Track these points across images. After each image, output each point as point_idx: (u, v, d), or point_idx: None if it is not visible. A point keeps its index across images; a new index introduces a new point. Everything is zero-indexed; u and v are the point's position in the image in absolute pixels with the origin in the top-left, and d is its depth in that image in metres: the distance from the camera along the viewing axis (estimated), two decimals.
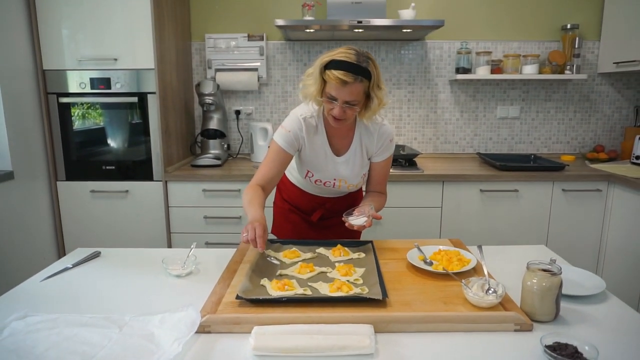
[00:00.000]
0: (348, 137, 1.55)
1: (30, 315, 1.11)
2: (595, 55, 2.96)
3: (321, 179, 1.58)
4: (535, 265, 1.09)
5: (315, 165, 1.56)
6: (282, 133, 1.51)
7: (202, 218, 2.51)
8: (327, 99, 1.39)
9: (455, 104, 3.02)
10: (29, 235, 2.35)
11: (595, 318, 1.09)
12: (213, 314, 1.06)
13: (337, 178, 1.58)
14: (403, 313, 1.05)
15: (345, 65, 1.32)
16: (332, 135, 1.55)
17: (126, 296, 1.23)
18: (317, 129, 1.53)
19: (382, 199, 1.65)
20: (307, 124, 1.51)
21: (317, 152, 1.54)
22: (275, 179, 1.53)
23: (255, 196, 1.44)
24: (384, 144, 1.56)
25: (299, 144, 1.53)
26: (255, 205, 1.40)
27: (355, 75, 1.32)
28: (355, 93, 1.35)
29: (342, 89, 1.34)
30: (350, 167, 1.56)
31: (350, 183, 1.60)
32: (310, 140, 1.52)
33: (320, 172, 1.57)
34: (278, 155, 1.51)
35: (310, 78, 1.42)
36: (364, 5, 2.59)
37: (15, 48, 2.26)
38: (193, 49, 2.96)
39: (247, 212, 1.39)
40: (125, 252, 1.57)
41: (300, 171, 1.62)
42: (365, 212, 1.43)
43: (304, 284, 1.21)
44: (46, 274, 1.39)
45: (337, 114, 1.38)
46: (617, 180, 2.42)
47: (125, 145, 2.52)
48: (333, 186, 1.60)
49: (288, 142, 1.50)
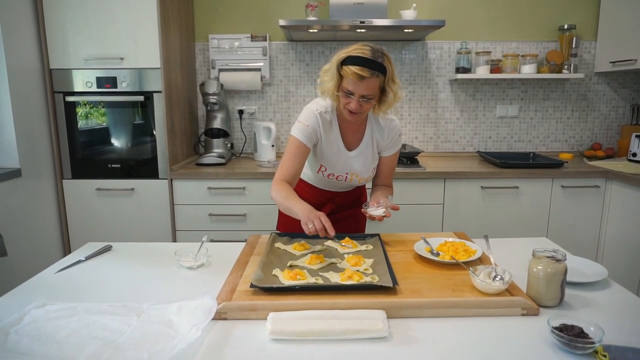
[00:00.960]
0: (360, 132, 1.60)
1: (49, 303, 1.13)
2: (592, 54, 3.02)
3: (334, 173, 1.62)
4: (540, 252, 1.13)
5: (328, 159, 1.60)
6: (300, 128, 1.54)
7: (207, 215, 2.54)
8: (344, 94, 1.44)
9: (455, 103, 3.07)
10: (35, 233, 2.37)
11: (599, 303, 1.12)
12: (229, 301, 1.09)
13: (349, 172, 1.62)
14: (414, 299, 1.09)
15: (361, 60, 1.37)
16: (344, 130, 1.59)
17: (141, 287, 1.26)
18: (331, 123, 1.57)
19: (390, 192, 1.71)
20: (322, 119, 1.55)
21: (330, 147, 1.58)
22: (298, 173, 1.56)
23: (290, 191, 1.48)
24: (394, 139, 1.62)
25: (317, 137, 1.56)
26: (296, 199, 1.44)
27: (371, 70, 1.37)
28: (371, 87, 1.40)
29: (359, 84, 1.39)
30: (361, 161, 1.61)
31: (362, 177, 1.64)
32: (325, 135, 1.57)
33: (333, 167, 1.61)
34: (298, 149, 1.54)
35: (327, 74, 1.47)
36: (366, 5, 2.64)
37: (22, 48, 2.29)
38: (197, 49, 3.00)
39: (291, 206, 1.42)
40: (136, 246, 1.60)
41: (313, 166, 1.65)
42: (382, 203, 1.47)
43: (315, 274, 1.24)
44: (60, 266, 1.41)
45: (354, 108, 1.43)
46: (614, 176, 2.47)
47: (131, 144, 2.55)
48: (345, 180, 1.63)
49: (307, 135, 1.53)
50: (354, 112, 1.46)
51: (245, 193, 2.51)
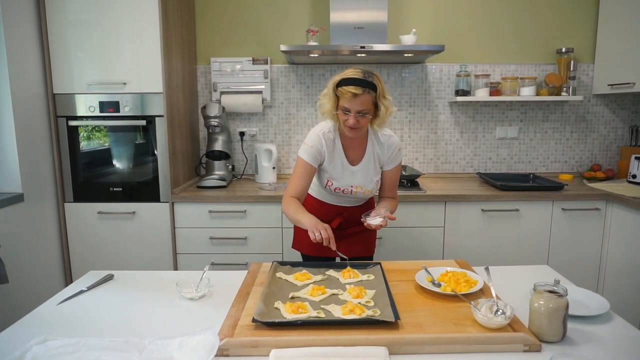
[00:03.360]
0: (361, 148, 1.76)
1: (51, 339, 1.13)
2: (590, 77, 3.05)
3: (340, 187, 1.77)
4: (541, 287, 1.13)
5: (333, 174, 1.76)
6: (305, 149, 1.73)
7: (207, 239, 2.54)
8: (342, 112, 1.62)
9: (455, 124, 3.09)
10: (37, 257, 2.37)
11: (601, 337, 1.12)
12: (230, 337, 1.09)
13: (353, 185, 1.76)
14: (416, 335, 1.08)
15: (354, 81, 1.57)
16: (347, 147, 1.75)
17: (142, 319, 1.26)
18: (334, 142, 1.74)
19: (394, 203, 1.85)
20: (326, 139, 1.72)
21: (335, 163, 1.75)
22: (305, 190, 1.75)
23: (298, 205, 1.69)
24: (394, 153, 1.78)
25: (321, 157, 1.73)
26: (304, 212, 1.64)
27: (363, 88, 1.57)
28: (365, 103, 1.58)
29: (354, 101, 1.57)
30: (364, 174, 1.76)
31: (366, 189, 1.78)
32: (329, 153, 1.73)
33: (338, 181, 1.76)
34: (304, 169, 1.72)
35: (325, 97, 1.68)
36: (366, 30, 2.67)
37: (27, 73, 2.31)
38: (199, 72, 3.03)
39: (300, 218, 1.62)
40: (137, 275, 1.60)
41: (321, 182, 1.81)
42: (381, 213, 1.62)
43: (316, 306, 1.24)
44: (62, 296, 1.41)
45: (352, 124, 1.61)
46: (614, 199, 2.47)
47: (132, 167, 2.57)
48: (350, 193, 1.78)
49: (312, 156, 1.71)
50: (353, 128, 1.62)
51: (247, 216, 2.52)
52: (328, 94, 1.65)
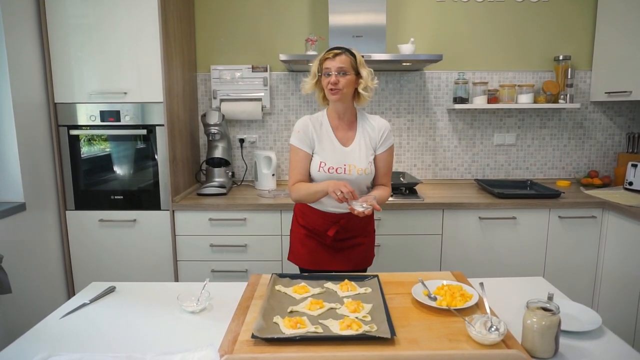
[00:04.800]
0: (352, 130, 1.86)
1: (55, 355, 1.15)
2: (588, 84, 3.07)
3: (333, 166, 1.81)
4: (534, 304, 1.15)
5: (325, 154, 1.82)
6: (295, 135, 1.85)
7: (208, 246, 2.56)
8: (325, 76, 1.76)
9: (453, 131, 3.12)
10: (39, 265, 2.40)
11: (593, 354, 1.15)
12: (230, 353, 1.11)
13: (346, 164, 1.81)
14: (411, 352, 1.11)
15: (333, 48, 1.78)
16: (336, 129, 1.85)
17: (144, 333, 1.28)
18: (322, 124, 1.85)
19: (385, 192, 1.89)
20: (313, 121, 1.85)
21: (325, 144, 1.83)
22: (304, 176, 1.84)
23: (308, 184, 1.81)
24: (384, 133, 1.86)
25: (310, 140, 1.83)
26: (317, 184, 1.77)
27: (341, 49, 1.76)
28: (344, 62, 1.74)
29: (333, 60, 1.74)
30: (357, 153, 1.83)
31: (359, 167, 1.82)
32: (317, 134, 1.83)
33: (331, 160, 1.81)
34: (298, 155, 1.84)
35: (307, 77, 1.85)
36: (365, 39, 2.69)
37: (28, 83, 2.34)
38: (198, 79, 3.05)
39: (314, 190, 1.75)
40: (139, 287, 1.62)
41: (314, 167, 1.83)
42: (368, 200, 1.67)
43: (315, 321, 1.26)
44: (65, 309, 1.43)
45: (333, 80, 1.73)
46: (610, 207, 2.50)
47: (133, 175, 2.59)
48: (344, 172, 1.81)
49: (301, 140, 1.83)
50: (334, 88, 1.73)
51: (246, 224, 2.54)
52: (312, 71, 1.81)
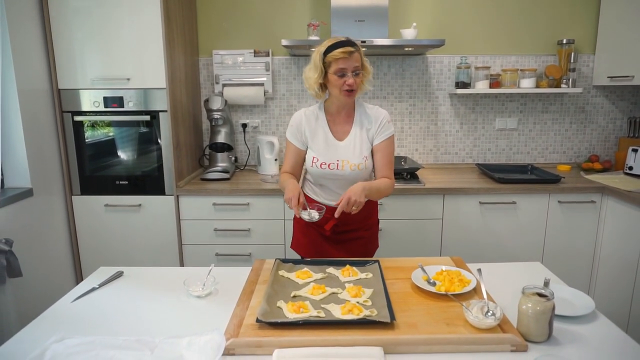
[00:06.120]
0: (348, 124, 1.81)
1: (68, 337, 1.20)
2: (591, 68, 3.06)
3: (326, 161, 1.78)
4: (530, 289, 1.19)
5: (318, 150, 1.79)
6: (288, 129, 1.85)
7: (212, 230, 2.61)
8: (338, 77, 1.67)
9: (455, 116, 3.12)
10: (48, 249, 2.45)
11: (585, 337, 1.19)
12: (236, 337, 1.16)
13: (339, 159, 1.77)
14: (410, 336, 1.15)
15: (343, 43, 1.66)
16: (332, 122, 1.81)
17: (152, 317, 1.33)
18: (317, 117, 1.80)
19: (387, 183, 1.79)
20: (307, 115, 1.81)
21: (319, 139, 1.79)
22: (296, 166, 1.86)
23: (287, 178, 1.80)
24: (382, 123, 1.79)
25: (302, 134, 1.81)
26: (288, 182, 1.75)
27: (353, 47, 1.66)
28: (358, 59, 1.68)
29: (349, 59, 1.65)
30: (351, 149, 1.78)
31: (352, 162, 1.77)
32: (311, 129, 1.79)
33: (323, 156, 1.78)
34: (289, 147, 1.86)
35: (310, 70, 1.72)
36: (367, 23, 2.68)
37: (32, 69, 2.35)
38: (201, 64, 3.05)
39: (283, 187, 1.76)
40: (146, 271, 1.67)
41: (308, 162, 1.83)
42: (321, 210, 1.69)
43: (317, 305, 1.31)
44: (75, 294, 1.48)
45: (352, 83, 1.67)
46: (610, 192, 2.52)
47: (137, 160, 2.62)
48: (337, 167, 1.77)
49: (293, 134, 1.83)
50: (351, 89, 1.68)
51: (249, 209, 2.58)
52: (314, 64, 1.70)
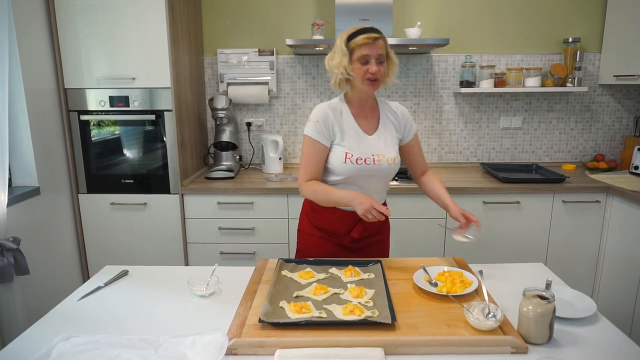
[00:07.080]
0: (374, 118, 1.72)
1: (74, 336, 1.22)
2: (597, 66, 3.04)
3: (361, 156, 1.64)
4: (530, 291, 1.20)
5: (351, 145, 1.65)
6: (311, 126, 1.64)
7: (216, 229, 2.63)
8: (361, 64, 1.58)
9: (459, 115, 3.12)
10: (54, 247, 2.48)
11: (586, 340, 1.19)
12: (238, 337, 1.17)
13: (374, 153, 1.66)
14: (411, 337, 1.16)
15: (366, 29, 1.58)
16: (358, 116, 1.69)
17: (157, 316, 1.35)
18: (342, 112, 1.68)
19: (436, 177, 1.81)
20: (332, 109, 1.66)
21: (349, 133, 1.66)
22: (320, 172, 1.67)
23: (324, 186, 1.63)
24: (407, 118, 1.77)
25: (329, 131, 1.64)
26: (336, 191, 1.61)
27: (377, 33, 1.58)
28: (382, 47, 1.59)
29: (373, 45, 1.56)
30: (383, 142, 1.69)
31: (388, 156, 1.68)
32: (339, 124, 1.65)
33: (357, 150, 1.64)
34: (313, 147, 1.64)
35: (336, 54, 1.62)
36: (371, 22, 2.67)
37: (39, 69, 2.37)
38: (205, 63, 3.07)
39: (337, 199, 1.60)
40: (150, 270, 1.69)
41: (338, 160, 1.64)
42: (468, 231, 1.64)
43: (319, 306, 1.32)
44: (81, 292, 1.50)
45: (375, 70, 1.57)
46: (615, 192, 2.51)
47: (143, 159, 2.64)
48: (373, 162, 1.65)
49: (319, 131, 1.63)
50: (374, 79, 1.58)
51: (254, 208, 2.60)
52: (338, 50, 1.60)
